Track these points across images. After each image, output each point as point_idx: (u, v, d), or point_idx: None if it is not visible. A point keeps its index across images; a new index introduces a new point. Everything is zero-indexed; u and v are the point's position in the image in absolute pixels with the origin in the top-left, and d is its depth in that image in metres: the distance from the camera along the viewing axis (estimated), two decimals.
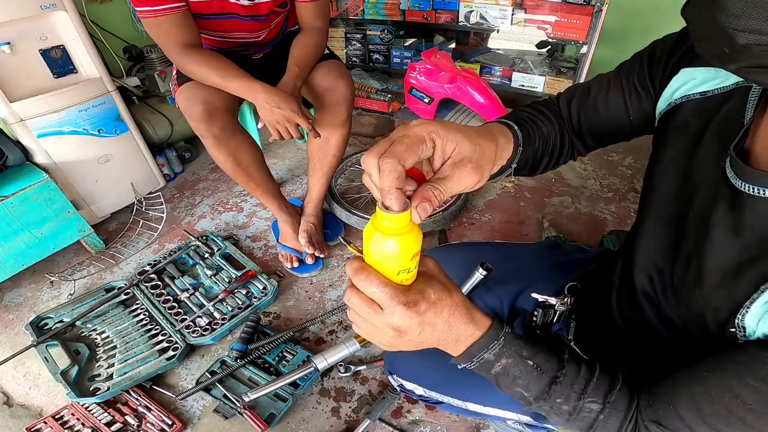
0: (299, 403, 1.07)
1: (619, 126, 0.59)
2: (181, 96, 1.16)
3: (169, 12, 1.02)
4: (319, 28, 1.22)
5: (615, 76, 0.58)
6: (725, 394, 0.39)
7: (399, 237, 0.35)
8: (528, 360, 0.45)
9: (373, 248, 0.37)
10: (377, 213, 0.35)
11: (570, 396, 0.45)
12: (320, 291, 1.38)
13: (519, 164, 0.56)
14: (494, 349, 0.44)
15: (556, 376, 0.45)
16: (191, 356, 1.20)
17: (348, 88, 1.26)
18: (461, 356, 0.45)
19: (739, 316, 0.39)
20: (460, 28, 2.02)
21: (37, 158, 1.44)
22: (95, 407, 1.06)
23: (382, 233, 0.35)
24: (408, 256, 0.37)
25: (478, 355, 0.44)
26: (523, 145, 0.55)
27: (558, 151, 0.62)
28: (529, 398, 0.47)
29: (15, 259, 1.35)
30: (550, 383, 0.45)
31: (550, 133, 0.60)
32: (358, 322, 0.45)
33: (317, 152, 1.39)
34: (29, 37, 1.36)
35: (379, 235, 0.35)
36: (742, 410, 0.38)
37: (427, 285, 0.40)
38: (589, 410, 0.45)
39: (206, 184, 1.90)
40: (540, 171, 0.63)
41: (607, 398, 0.45)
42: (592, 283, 0.73)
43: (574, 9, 1.67)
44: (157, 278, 1.37)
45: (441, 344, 0.44)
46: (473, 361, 0.45)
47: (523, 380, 0.46)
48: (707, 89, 0.46)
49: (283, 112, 1.06)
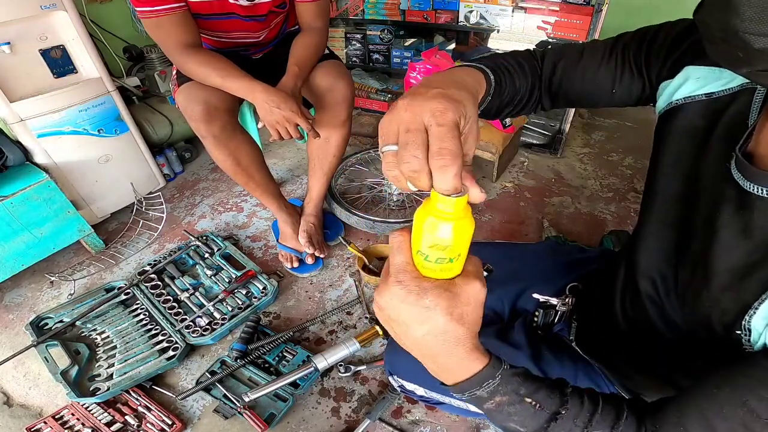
0: (299, 403, 1.07)
1: (599, 96, 0.58)
2: (181, 96, 1.16)
3: (169, 12, 1.02)
4: (319, 28, 1.22)
5: (611, 49, 0.56)
6: (739, 409, 0.37)
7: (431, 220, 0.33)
8: (526, 398, 0.42)
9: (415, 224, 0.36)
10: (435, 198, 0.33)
11: (573, 430, 0.42)
12: (320, 291, 1.38)
13: (483, 111, 0.54)
14: (488, 387, 0.41)
15: (558, 412, 0.42)
16: (191, 356, 1.20)
17: (348, 88, 1.26)
18: (451, 387, 0.43)
19: (746, 317, 0.39)
20: (460, 28, 2.02)
21: (37, 158, 1.44)
22: (95, 407, 1.06)
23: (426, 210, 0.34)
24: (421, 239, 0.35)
25: (469, 390, 0.41)
26: (493, 95, 0.53)
27: (523, 103, 0.61)
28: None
29: (15, 259, 1.35)
30: (550, 420, 0.42)
31: (521, 86, 0.59)
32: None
33: (317, 152, 1.39)
34: (29, 37, 1.36)
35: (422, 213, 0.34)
36: (759, 425, 0.36)
37: (436, 290, 0.36)
38: None
39: (206, 184, 1.90)
40: (499, 117, 0.61)
41: (614, 426, 0.42)
42: (593, 283, 0.73)
43: (574, 9, 1.67)
44: (157, 278, 1.37)
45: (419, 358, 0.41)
46: (464, 395, 0.42)
47: (519, 417, 0.43)
48: (713, 90, 0.45)
49: (283, 113, 1.06)
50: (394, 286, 0.36)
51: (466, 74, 0.48)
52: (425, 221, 0.34)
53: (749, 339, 0.40)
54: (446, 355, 0.38)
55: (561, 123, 1.94)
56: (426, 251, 0.35)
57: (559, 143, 1.97)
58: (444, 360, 0.39)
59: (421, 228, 0.34)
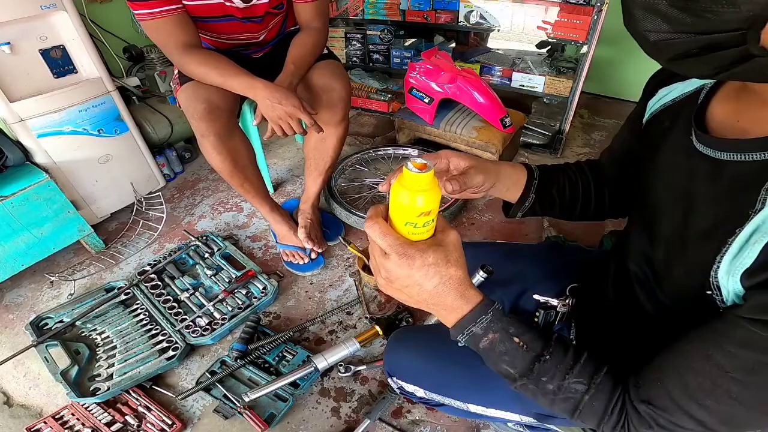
0: (299, 403, 1.07)
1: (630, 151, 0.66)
2: (183, 95, 1.16)
3: (167, 14, 1.02)
4: (318, 27, 1.22)
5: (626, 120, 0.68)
6: (706, 364, 0.40)
7: (403, 191, 0.41)
8: (514, 337, 0.48)
9: (391, 199, 0.44)
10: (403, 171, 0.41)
11: (555, 375, 0.47)
12: (320, 291, 1.38)
13: (542, 198, 0.68)
14: (482, 323, 0.47)
15: (541, 354, 0.48)
16: (191, 356, 1.20)
17: (344, 88, 1.26)
18: (453, 329, 0.49)
19: (711, 273, 0.42)
20: (460, 28, 2.02)
21: (37, 158, 1.44)
22: (95, 407, 1.06)
23: (400, 186, 0.42)
24: (414, 211, 0.42)
25: (467, 327, 0.48)
26: (540, 178, 0.68)
27: (594, 196, 0.71)
28: (515, 374, 0.49)
29: (15, 259, 1.35)
30: (534, 360, 0.47)
31: (578, 179, 0.71)
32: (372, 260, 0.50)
33: (313, 152, 1.39)
34: (29, 37, 1.36)
35: (397, 187, 0.42)
36: (725, 380, 0.39)
37: (431, 249, 0.44)
38: (575, 391, 0.47)
39: (206, 184, 1.90)
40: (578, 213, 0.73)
41: (593, 379, 0.47)
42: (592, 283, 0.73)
43: (574, 9, 1.67)
44: (157, 278, 1.37)
45: (431, 308, 0.48)
46: (463, 333, 0.48)
47: (509, 356, 0.48)
48: (676, 95, 0.55)
49: (285, 108, 1.06)
50: (399, 259, 0.43)
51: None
52: (416, 199, 0.41)
53: (722, 298, 0.41)
54: (453, 294, 0.46)
55: (561, 123, 1.94)
56: (415, 220, 0.43)
57: (559, 143, 1.97)
58: (451, 300, 0.46)
59: (411, 205, 0.41)
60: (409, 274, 0.44)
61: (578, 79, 1.77)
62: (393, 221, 0.45)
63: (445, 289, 0.45)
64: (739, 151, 0.42)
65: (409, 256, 0.43)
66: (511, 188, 0.67)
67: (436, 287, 0.45)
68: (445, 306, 0.47)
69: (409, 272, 0.44)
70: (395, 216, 0.44)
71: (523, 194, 0.68)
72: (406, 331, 0.88)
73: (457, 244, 0.46)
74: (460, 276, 0.45)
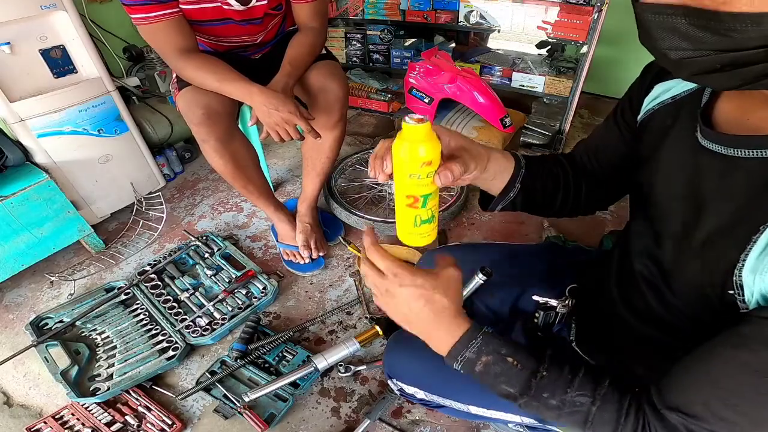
0: (299, 403, 1.08)
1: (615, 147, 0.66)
2: (182, 100, 1.16)
3: (164, 18, 1.02)
4: (316, 28, 1.22)
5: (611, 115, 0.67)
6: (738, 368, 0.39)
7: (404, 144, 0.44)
8: (507, 357, 0.49)
9: (394, 159, 0.47)
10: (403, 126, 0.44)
11: (555, 390, 0.48)
12: (320, 291, 1.38)
13: (526, 189, 0.64)
14: (473, 348, 0.49)
15: (537, 370, 0.48)
16: (191, 356, 1.20)
17: (342, 88, 1.25)
18: (447, 357, 0.51)
19: (735, 272, 0.40)
20: (460, 28, 2.02)
21: (37, 158, 1.44)
22: (95, 407, 1.06)
23: (401, 141, 0.45)
24: (417, 162, 0.45)
25: (460, 353, 0.49)
26: (526, 167, 0.64)
27: (573, 190, 0.68)
28: (515, 393, 0.49)
29: (15, 259, 1.35)
30: (531, 377, 0.48)
31: (559, 171, 0.68)
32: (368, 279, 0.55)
33: (311, 153, 1.39)
34: (29, 37, 1.36)
35: (398, 144, 0.45)
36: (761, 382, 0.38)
37: (422, 272, 0.49)
38: (579, 404, 0.47)
39: (206, 184, 1.90)
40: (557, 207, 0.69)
41: (596, 392, 0.46)
42: (592, 284, 0.73)
43: (573, 9, 1.67)
44: (157, 278, 1.38)
45: (422, 335, 0.52)
46: (458, 360, 0.50)
47: (505, 377, 0.49)
48: (676, 93, 0.54)
49: (281, 114, 1.05)
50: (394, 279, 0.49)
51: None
52: (417, 149, 0.44)
53: (743, 298, 0.40)
54: (437, 321, 0.49)
55: (561, 123, 1.94)
56: (418, 171, 0.46)
57: (559, 143, 1.97)
58: (436, 327, 0.50)
59: (413, 156, 0.44)
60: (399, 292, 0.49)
61: (578, 79, 1.77)
62: (397, 181, 0.48)
63: (430, 314, 0.49)
64: (755, 148, 0.41)
65: (399, 274, 0.49)
66: (497, 176, 0.62)
67: (421, 310, 0.48)
68: (431, 334, 0.51)
69: (398, 290, 0.49)
70: (399, 174, 0.47)
71: (508, 184, 0.63)
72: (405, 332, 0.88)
73: (453, 279, 0.50)
74: (446, 304, 0.49)
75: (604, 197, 0.72)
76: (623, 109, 0.63)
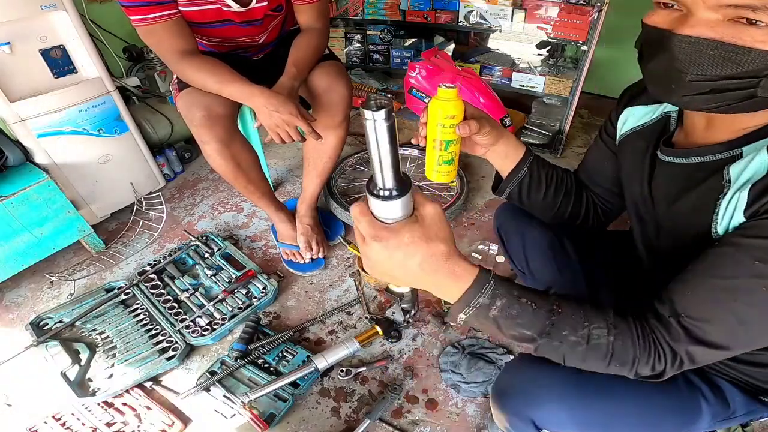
0: (299, 403, 1.07)
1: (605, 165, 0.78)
2: (182, 102, 1.16)
3: (162, 19, 1.01)
4: (319, 29, 1.22)
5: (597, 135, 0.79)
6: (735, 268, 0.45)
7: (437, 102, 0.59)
8: (521, 298, 0.48)
9: (430, 109, 0.61)
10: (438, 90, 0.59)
11: (575, 325, 0.49)
12: (320, 291, 1.38)
13: (533, 176, 0.74)
14: (487, 292, 0.47)
15: (552, 309, 0.49)
16: (191, 356, 1.20)
17: (346, 89, 1.25)
18: (458, 303, 0.47)
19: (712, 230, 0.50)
20: (460, 28, 2.02)
21: (37, 158, 1.44)
22: (95, 407, 1.06)
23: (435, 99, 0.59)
24: (444, 115, 0.59)
25: (473, 300, 0.47)
26: (536, 158, 0.75)
27: (574, 197, 0.79)
28: (533, 335, 0.49)
29: (15, 259, 1.35)
30: (548, 316, 0.49)
31: (565, 178, 0.79)
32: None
33: (312, 153, 1.39)
34: (29, 37, 1.36)
35: (433, 102, 0.59)
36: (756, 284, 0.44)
37: (406, 228, 0.43)
38: (597, 336, 0.48)
39: (206, 184, 1.90)
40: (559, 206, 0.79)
41: (607, 320, 0.49)
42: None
43: (573, 9, 1.67)
44: (157, 278, 1.37)
45: (426, 287, 0.47)
46: (470, 306, 0.47)
47: (522, 318, 0.48)
48: (644, 122, 0.67)
49: (282, 116, 1.05)
50: (375, 243, 0.43)
51: None
52: (446, 105, 0.58)
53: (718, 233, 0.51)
54: (443, 272, 0.45)
55: (561, 123, 1.94)
56: (444, 122, 0.60)
57: (559, 143, 1.97)
58: (444, 277, 0.45)
59: (443, 109, 0.59)
60: (388, 255, 0.43)
61: (578, 79, 1.77)
62: (429, 128, 0.62)
63: (431, 265, 0.44)
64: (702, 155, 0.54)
65: (382, 237, 0.42)
66: (509, 155, 0.73)
67: (420, 265, 0.43)
68: (439, 283, 0.46)
69: (387, 253, 0.43)
70: (431, 123, 0.61)
71: (517, 166, 0.73)
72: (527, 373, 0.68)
73: (436, 217, 0.44)
74: (443, 250, 0.44)
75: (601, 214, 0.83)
76: (606, 129, 0.76)
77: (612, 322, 0.49)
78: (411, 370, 1.14)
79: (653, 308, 0.50)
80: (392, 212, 0.43)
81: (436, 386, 1.10)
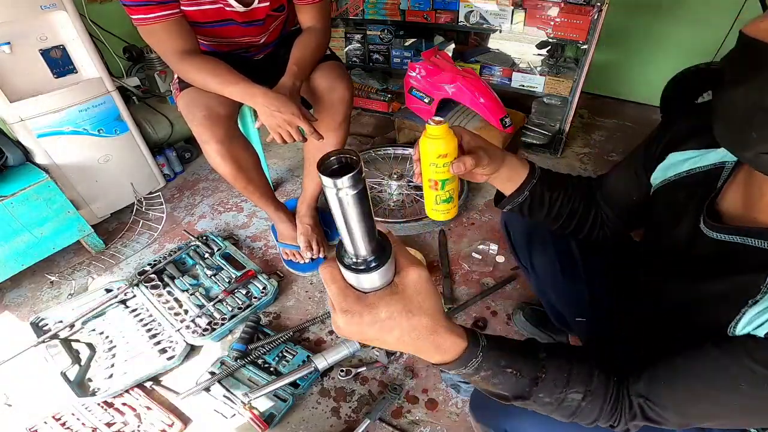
0: (299, 403, 1.07)
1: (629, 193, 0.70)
2: (182, 101, 1.16)
3: (164, 19, 1.01)
4: (321, 28, 1.22)
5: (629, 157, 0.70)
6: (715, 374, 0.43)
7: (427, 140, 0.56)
8: (507, 368, 0.47)
9: (421, 148, 0.58)
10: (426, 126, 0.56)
11: (553, 390, 0.48)
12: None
13: (534, 198, 0.70)
14: (472, 366, 0.44)
15: (536, 377, 0.48)
16: (191, 356, 1.20)
17: (347, 89, 1.25)
18: (442, 366, 0.45)
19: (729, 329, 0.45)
20: (460, 28, 2.02)
21: (37, 158, 1.44)
22: (95, 407, 1.06)
23: (424, 137, 0.56)
24: (435, 154, 0.56)
25: (456, 369, 0.45)
26: (540, 179, 0.70)
27: (583, 214, 0.74)
28: (508, 396, 0.49)
29: (15, 259, 1.35)
30: (531, 384, 0.48)
31: (574, 195, 0.73)
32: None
33: (313, 152, 1.39)
34: (29, 37, 1.36)
35: (423, 140, 0.57)
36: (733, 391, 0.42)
37: (383, 301, 0.37)
38: (571, 400, 0.48)
39: (206, 184, 1.90)
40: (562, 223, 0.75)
41: (587, 387, 0.48)
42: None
43: (574, 9, 1.67)
44: (157, 278, 1.37)
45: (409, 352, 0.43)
46: (452, 371, 0.45)
47: (503, 385, 0.48)
48: (690, 167, 0.57)
49: (284, 116, 1.05)
50: (345, 317, 0.37)
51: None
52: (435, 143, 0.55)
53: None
54: (426, 345, 0.41)
55: (561, 123, 1.94)
56: (436, 161, 0.57)
57: (559, 143, 1.97)
58: (426, 349, 0.42)
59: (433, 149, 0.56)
60: (359, 331, 0.38)
61: (578, 79, 1.77)
62: (423, 168, 0.59)
63: (412, 339, 0.39)
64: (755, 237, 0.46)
65: (354, 312, 0.37)
66: (512, 179, 0.69)
67: (399, 339, 0.39)
68: (420, 352, 0.42)
69: (360, 329, 0.37)
70: (423, 162, 0.58)
71: (517, 189, 0.70)
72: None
73: (419, 285, 0.38)
74: (426, 324, 0.39)
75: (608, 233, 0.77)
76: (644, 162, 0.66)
77: (592, 388, 0.47)
78: (411, 370, 1.14)
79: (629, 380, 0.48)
80: (368, 283, 0.37)
81: (436, 386, 1.10)
